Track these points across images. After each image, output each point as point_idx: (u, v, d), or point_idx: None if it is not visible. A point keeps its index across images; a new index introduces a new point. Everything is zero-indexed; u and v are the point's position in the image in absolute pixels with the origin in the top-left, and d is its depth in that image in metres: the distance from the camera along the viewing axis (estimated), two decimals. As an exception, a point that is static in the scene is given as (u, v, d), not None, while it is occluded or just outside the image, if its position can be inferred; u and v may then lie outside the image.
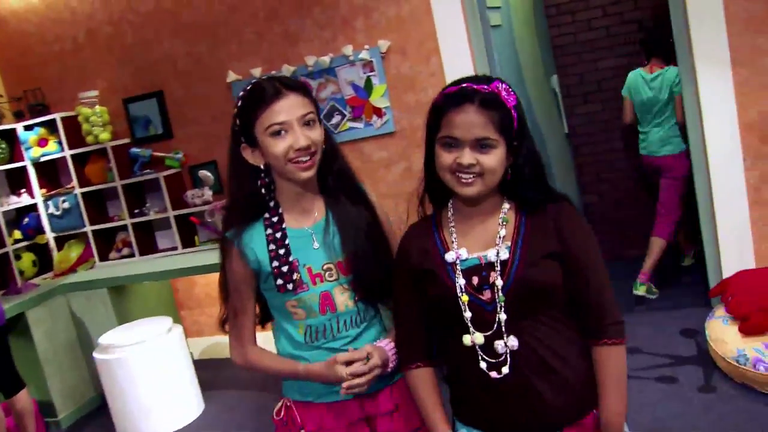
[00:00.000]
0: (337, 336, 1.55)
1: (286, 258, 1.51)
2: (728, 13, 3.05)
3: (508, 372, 1.34)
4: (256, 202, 1.55)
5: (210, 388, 3.87)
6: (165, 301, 4.39)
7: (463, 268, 1.38)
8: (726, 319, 2.94)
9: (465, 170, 1.33)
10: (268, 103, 1.45)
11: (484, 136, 1.31)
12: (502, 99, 1.32)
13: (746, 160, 3.16)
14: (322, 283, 1.54)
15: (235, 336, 1.64)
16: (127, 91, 4.23)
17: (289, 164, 1.47)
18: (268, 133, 1.46)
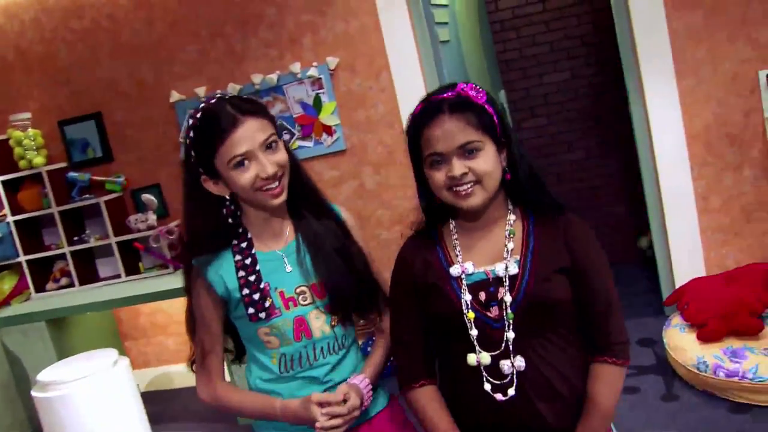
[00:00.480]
0: (315, 364, 1.46)
1: (257, 284, 1.42)
2: (671, 27, 3.13)
3: (514, 394, 1.27)
4: (222, 230, 1.45)
5: (159, 421, 3.69)
6: (108, 333, 4.17)
7: (468, 282, 1.32)
8: (683, 326, 2.97)
9: (460, 182, 1.27)
10: (227, 134, 1.35)
11: (466, 140, 1.27)
12: (471, 98, 1.28)
13: (693, 170, 3.23)
14: (295, 308, 1.45)
15: (202, 372, 1.52)
16: (62, 112, 4.03)
17: (258, 193, 1.39)
18: (230, 165, 1.36)
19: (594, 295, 1.32)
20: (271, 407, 1.45)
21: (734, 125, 3.16)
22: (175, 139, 3.87)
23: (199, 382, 1.54)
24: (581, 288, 1.31)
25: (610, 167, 4.56)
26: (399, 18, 3.46)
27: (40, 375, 3.35)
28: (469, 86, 1.32)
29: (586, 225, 1.37)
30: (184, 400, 4.05)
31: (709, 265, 3.30)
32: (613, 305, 1.33)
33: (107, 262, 4.09)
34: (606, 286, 1.33)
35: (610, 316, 1.33)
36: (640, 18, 3.15)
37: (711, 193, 3.25)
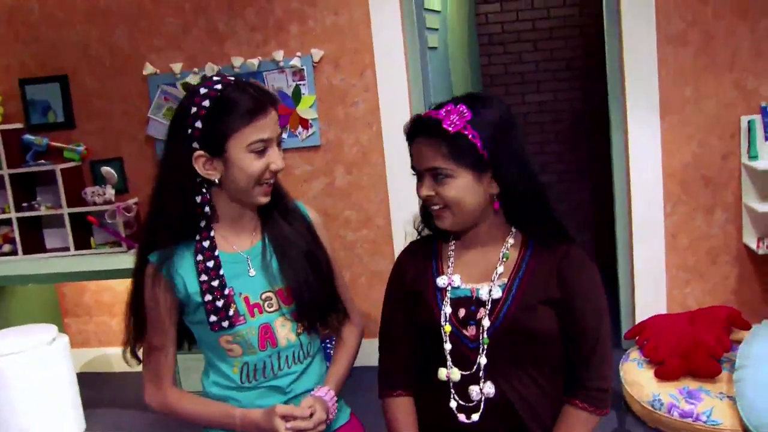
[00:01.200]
0: (279, 374, 1.37)
1: (220, 290, 1.32)
2: (660, 63, 3.13)
3: (478, 420, 1.21)
4: (189, 219, 1.34)
5: (93, 405, 3.52)
6: (49, 307, 3.98)
7: (452, 296, 1.28)
8: (641, 362, 2.96)
9: (428, 202, 1.27)
10: (257, 117, 1.28)
11: (433, 166, 1.25)
12: (445, 125, 1.23)
13: (666, 206, 3.24)
14: (261, 315, 1.35)
15: (150, 376, 1.41)
16: (25, 70, 3.82)
17: (256, 187, 1.31)
18: (248, 149, 1.28)
19: (580, 333, 1.26)
20: (230, 417, 1.34)
21: (711, 167, 3.17)
22: (144, 114, 3.70)
23: (147, 387, 1.42)
24: (568, 323, 1.26)
25: (580, 193, 4.57)
26: (390, 17, 3.38)
27: (-29, 346, 3.16)
28: (455, 109, 1.25)
29: (587, 259, 1.31)
30: (121, 384, 3.88)
31: (671, 303, 3.31)
32: (599, 348, 1.27)
33: (56, 233, 3.89)
34: (595, 325, 1.27)
35: (594, 358, 1.26)
36: (632, 50, 3.14)
37: (680, 232, 3.26)
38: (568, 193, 4.59)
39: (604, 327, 1.28)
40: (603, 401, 1.27)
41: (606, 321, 1.29)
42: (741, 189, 3.15)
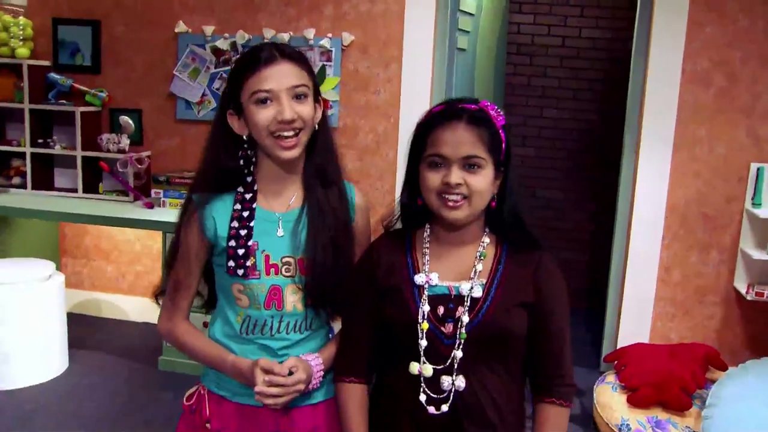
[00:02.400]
0: (276, 336, 1.41)
1: (245, 240, 1.38)
2: (681, 99, 3.17)
3: (447, 411, 1.27)
4: (231, 173, 1.41)
5: (78, 346, 3.59)
6: (49, 245, 4.03)
7: (430, 294, 1.31)
8: (615, 386, 3.02)
9: (452, 191, 1.27)
10: (258, 68, 1.32)
11: (473, 153, 1.26)
12: (491, 117, 1.29)
13: (665, 239, 3.29)
14: (276, 276, 1.40)
15: (167, 305, 1.48)
16: (60, 10, 3.87)
17: (270, 138, 1.34)
18: (252, 100, 1.33)
19: (550, 336, 1.33)
20: (222, 360, 1.41)
21: (714, 207, 3.23)
22: (170, 70, 3.75)
23: (162, 315, 1.49)
24: (539, 327, 1.32)
25: (583, 214, 4.62)
26: (424, 13, 3.43)
27: (-30, 269, 3.23)
28: (492, 106, 1.33)
29: (558, 268, 1.37)
30: (108, 330, 3.95)
31: (654, 334, 3.37)
32: (567, 350, 1.36)
33: (66, 174, 3.95)
34: (563, 331, 1.35)
35: (561, 359, 1.35)
36: (655, 83, 3.19)
37: (674, 266, 3.32)
38: (569, 212, 4.64)
39: (568, 330, 1.37)
40: (572, 395, 1.36)
41: (569, 323, 1.37)
42: (740, 233, 3.21)
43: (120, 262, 4.08)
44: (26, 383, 3.21)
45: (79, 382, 3.28)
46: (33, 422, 2.91)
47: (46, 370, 3.29)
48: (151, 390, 3.22)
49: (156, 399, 3.10)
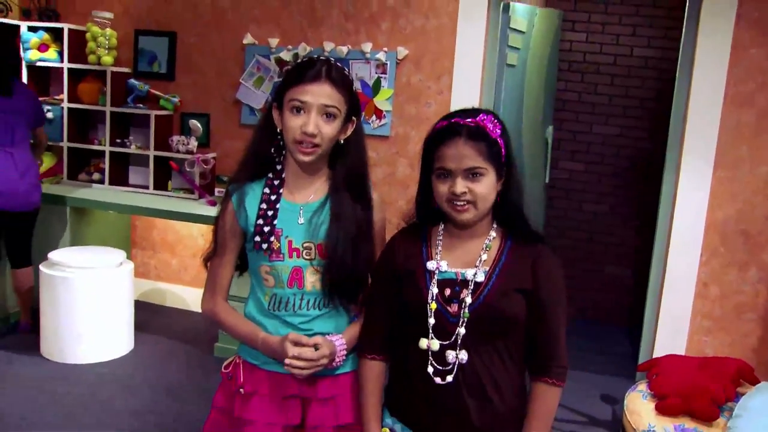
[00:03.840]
0: (298, 312, 1.62)
1: (271, 219, 1.59)
2: (723, 119, 3.25)
3: (451, 381, 1.44)
4: (266, 162, 1.64)
5: (143, 330, 3.90)
6: (121, 236, 4.38)
7: (439, 278, 1.49)
8: (646, 394, 3.10)
9: (458, 198, 1.45)
10: (304, 81, 1.53)
11: (473, 165, 1.43)
12: (488, 131, 1.45)
13: (703, 255, 3.35)
14: (297, 259, 1.60)
15: (209, 286, 1.70)
16: (141, 22, 4.23)
17: (293, 143, 1.56)
18: (290, 105, 1.54)
19: (546, 322, 1.48)
20: (255, 336, 1.62)
21: (753, 225, 3.28)
22: (236, 78, 4.05)
23: (205, 296, 1.71)
24: (536, 313, 1.48)
25: (628, 229, 4.68)
26: (476, 30, 3.60)
27: (52, 254, 3.59)
28: (489, 118, 1.49)
29: (557, 259, 1.54)
30: (170, 317, 4.26)
31: (690, 348, 3.43)
32: (560, 334, 1.50)
33: (140, 171, 4.29)
34: (558, 316, 1.49)
35: (556, 342, 1.49)
36: (698, 102, 3.27)
37: (712, 283, 3.37)
38: (615, 227, 4.71)
39: (563, 316, 1.51)
40: (565, 375, 1.51)
41: (565, 310, 1.51)
42: (779, 252, 3.24)
43: (184, 255, 4.39)
44: (96, 360, 3.52)
45: (142, 362, 3.58)
46: (102, 391, 3.21)
47: (113, 350, 3.60)
48: (205, 371, 3.49)
49: (208, 379, 3.36)
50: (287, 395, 1.63)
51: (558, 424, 3.18)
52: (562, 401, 2.71)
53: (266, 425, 1.60)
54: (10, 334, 3.78)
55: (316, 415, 1.63)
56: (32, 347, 3.59)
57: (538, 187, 4.39)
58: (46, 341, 3.55)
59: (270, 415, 1.61)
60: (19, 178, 3.43)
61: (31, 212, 3.56)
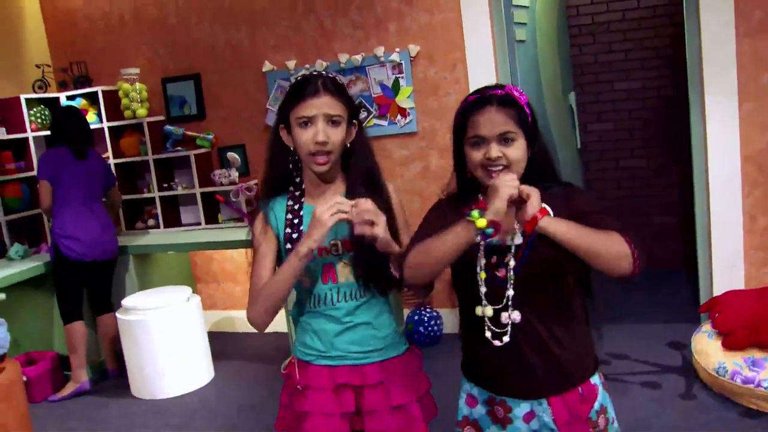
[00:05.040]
0: (337, 305, 1.73)
1: (297, 227, 1.72)
2: (739, 51, 3.26)
3: (509, 341, 1.54)
4: (286, 178, 1.77)
5: (220, 358, 4.10)
6: (184, 273, 4.62)
7: (485, 248, 1.56)
8: (711, 333, 3.14)
9: (493, 163, 1.52)
10: (305, 98, 1.65)
11: (506, 130, 1.52)
12: (516, 98, 1.55)
13: (744, 189, 3.37)
14: (327, 256, 1.73)
15: (252, 293, 1.76)
16: (166, 71, 4.47)
17: (308, 156, 1.67)
18: (297, 122, 1.66)
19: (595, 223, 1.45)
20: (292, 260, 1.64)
21: (789, 150, 3.28)
22: (263, 105, 4.24)
23: (249, 306, 1.77)
24: None
25: (669, 177, 4.69)
26: (480, 15, 3.71)
27: (125, 300, 3.82)
28: (515, 88, 1.60)
29: (580, 189, 1.62)
30: (243, 343, 4.46)
31: (749, 282, 3.44)
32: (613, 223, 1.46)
33: (190, 210, 4.52)
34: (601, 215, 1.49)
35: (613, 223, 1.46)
36: (710, 39, 3.30)
37: (759, 214, 3.38)
38: (655, 178, 4.72)
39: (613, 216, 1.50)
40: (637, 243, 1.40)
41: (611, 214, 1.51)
42: (820, 172, 3.24)
43: (245, 281, 4.59)
44: (182, 392, 3.74)
45: (224, 387, 3.78)
46: (193, 419, 3.42)
47: (196, 380, 3.81)
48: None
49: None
50: (339, 384, 1.73)
51: (631, 377, 3.24)
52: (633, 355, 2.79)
53: (324, 415, 1.71)
54: (102, 380, 4.04)
55: (370, 400, 1.73)
56: (123, 389, 3.83)
57: (570, 154, 4.44)
58: (133, 382, 3.79)
59: (326, 405, 1.72)
60: (101, 231, 3.83)
61: (112, 260, 3.96)
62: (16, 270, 3.77)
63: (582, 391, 1.58)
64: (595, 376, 1.61)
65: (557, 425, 1.55)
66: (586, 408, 1.57)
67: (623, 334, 3.74)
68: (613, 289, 4.51)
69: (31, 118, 4.27)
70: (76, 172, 3.78)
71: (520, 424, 1.58)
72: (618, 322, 3.92)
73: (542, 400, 1.56)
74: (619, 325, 3.87)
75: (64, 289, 3.81)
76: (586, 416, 1.57)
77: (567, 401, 1.57)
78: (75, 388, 3.80)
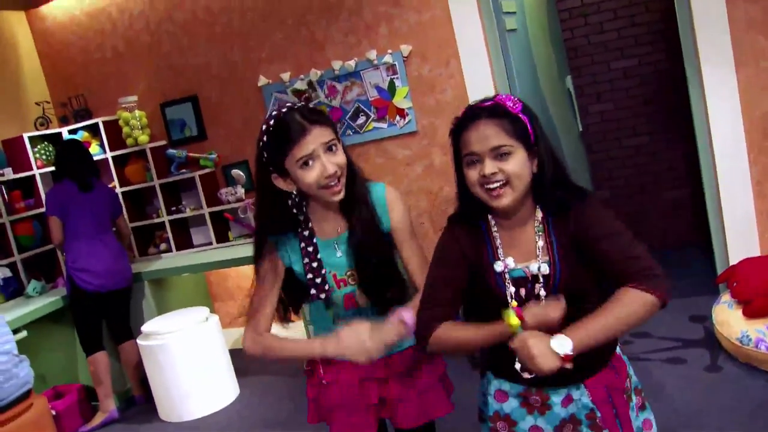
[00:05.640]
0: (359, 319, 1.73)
1: (318, 271, 1.71)
2: (731, 17, 3.24)
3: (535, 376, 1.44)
4: (287, 219, 1.71)
5: (244, 375, 4.11)
6: (200, 293, 4.64)
7: (510, 277, 1.49)
8: (731, 303, 3.12)
9: (491, 180, 1.43)
10: (297, 141, 1.59)
11: (499, 144, 1.43)
12: (507, 108, 1.46)
13: (750, 155, 3.34)
14: (345, 287, 1.74)
15: (251, 321, 1.77)
16: (164, 95, 4.50)
17: (321, 190, 1.63)
18: (298, 165, 1.60)
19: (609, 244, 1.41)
20: (311, 344, 1.69)
21: (792, 112, 3.25)
22: (262, 119, 4.24)
23: (247, 336, 1.77)
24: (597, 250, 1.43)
25: (674, 151, 4.66)
26: (468, 9, 3.71)
27: (144, 326, 3.85)
28: (507, 97, 1.50)
29: (592, 201, 1.49)
30: (265, 357, 4.46)
31: (764, 246, 3.41)
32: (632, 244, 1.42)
33: (200, 231, 4.55)
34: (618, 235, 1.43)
35: (631, 252, 1.39)
36: (701, 6, 3.27)
37: (766, 179, 3.35)
38: (661, 152, 4.69)
39: (626, 231, 1.44)
40: (656, 280, 1.35)
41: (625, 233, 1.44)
42: (825, 130, 3.21)
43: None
44: (209, 411, 3.76)
45: (250, 403, 3.79)
46: (222, 439, 3.43)
47: (222, 399, 3.83)
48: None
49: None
50: (363, 378, 1.76)
51: (654, 354, 3.22)
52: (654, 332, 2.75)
53: (350, 408, 1.75)
54: (130, 408, 4.07)
55: (396, 389, 1.76)
56: (151, 414, 3.86)
57: (573, 139, 4.43)
58: (161, 406, 3.81)
59: (351, 398, 1.75)
60: (114, 260, 3.87)
61: (127, 288, 4.00)
62: (36, 306, 3.81)
63: (614, 365, 1.57)
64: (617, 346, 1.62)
65: (595, 404, 1.53)
66: (622, 379, 1.57)
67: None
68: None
69: (35, 156, 4.32)
70: (83, 204, 3.81)
71: (559, 409, 1.56)
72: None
73: (579, 385, 1.54)
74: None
75: (83, 321, 3.85)
76: (623, 387, 1.56)
77: (603, 379, 1.55)
78: (104, 418, 3.83)
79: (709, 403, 2.73)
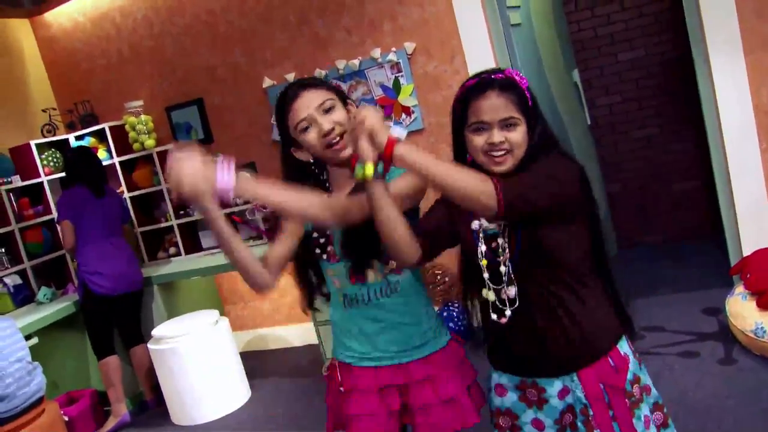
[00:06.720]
0: (370, 304, 1.73)
1: (323, 231, 1.73)
2: (738, 3, 3.19)
3: (510, 316, 1.52)
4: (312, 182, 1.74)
5: (255, 377, 4.11)
6: (210, 297, 4.64)
7: (484, 235, 1.56)
8: (745, 295, 3.07)
9: (496, 148, 1.49)
10: (289, 106, 1.64)
11: (509, 115, 1.49)
12: (517, 82, 1.52)
13: (761, 143, 3.29)
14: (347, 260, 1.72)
15: None
16: (169, 99, 4.50)
17: (326, 150, 1.65)
18: (299, 131, 1.64)
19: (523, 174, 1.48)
20: None
21: (803, 99, 3.20)
22: (267, 121, 4.25)
23: None
24: None
25: (684, 143, 4.60)
26: (471, 3, 3.67)
27: (154, 330, 3.85)
28: (516, 72, 1.56)
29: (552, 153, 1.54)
30: (276, 359, 4.47)
31: (778, 237, 3.36)
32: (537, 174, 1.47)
33: (209, 234, 4.52)
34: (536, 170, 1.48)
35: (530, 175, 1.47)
36: (707, -4, 3.23)
37: (779, 167, 3.30)
38: (671, 144, 4.64)
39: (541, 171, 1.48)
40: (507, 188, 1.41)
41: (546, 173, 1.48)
42: (837, 116, 3.15)
43: (272, 298, 4.61)
44: (221, 414, 3.76)
45: (262, 405, 3.79)
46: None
47: (234, 401, 3.83)
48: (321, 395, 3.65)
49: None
50: (383, 386, 1.73)
51: (669, 348, 3.18)
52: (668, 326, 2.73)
53: (370, 416, 1.72)
54: (143, 412, 4.07)
55: (418, 396, 1.73)
56: (163, 418, 3.86)
57: (581, 132, 4.39)
58: (173, 410, 3.81)
59: (371, 406, 1.72)
60: (126, 264, 3.91)
61: (138, 292, 4.02)
62: (47, 313, 3.83)
63: (613, 362, 1.54)
64: (624, 345, 1.57)
65: (588, 400, 1.51)
66: (621, 378, 1.54)
67: (656, 306, 3.67)
68: (641, 260, 4.46)
69: (43, 163, 4.34)
70: (95, 209, 3.85)
71: (556, 402, 1.56)
72: (650, 294, 3.85)
73: (573, 375, 1.53)
74: (652, 298, 3.80)
75: (94, 325, 3.86)
76: (622, 386, 1.53)
77: (599, 372, 1.53)
78: (116, 422, 3.84)
79: (724, 396, 2.69)
